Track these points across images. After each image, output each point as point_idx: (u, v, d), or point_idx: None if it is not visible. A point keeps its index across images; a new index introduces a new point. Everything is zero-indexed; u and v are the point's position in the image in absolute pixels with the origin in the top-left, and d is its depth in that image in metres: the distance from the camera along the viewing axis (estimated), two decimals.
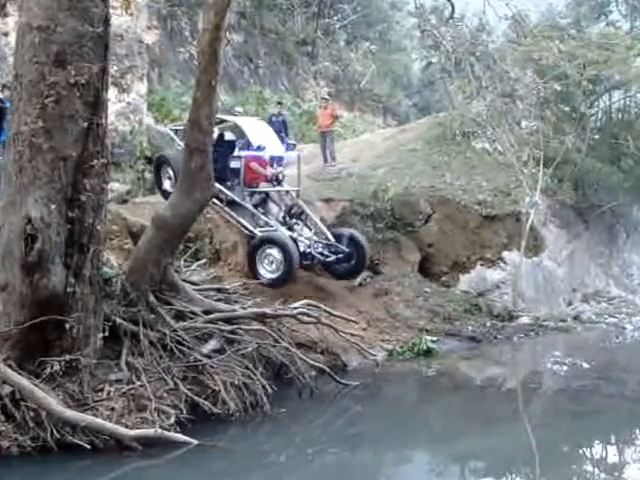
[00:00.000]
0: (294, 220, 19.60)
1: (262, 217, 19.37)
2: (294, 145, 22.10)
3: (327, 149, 25.19)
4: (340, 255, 19.22)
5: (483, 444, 13.37)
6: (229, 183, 19.51)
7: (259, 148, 20.09)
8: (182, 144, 17.60)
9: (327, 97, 28.22)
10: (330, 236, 19.54)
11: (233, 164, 19.67)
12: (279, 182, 20.35)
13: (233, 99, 31.63)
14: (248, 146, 20.41)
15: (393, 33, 45.47)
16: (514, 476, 12.14)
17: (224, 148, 19.38)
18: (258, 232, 18.74)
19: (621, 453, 13.47)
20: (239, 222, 19.04)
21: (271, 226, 19.15)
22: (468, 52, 21.39)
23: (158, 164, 20.41)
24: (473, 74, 21.75)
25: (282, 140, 25.18)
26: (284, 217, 19.69)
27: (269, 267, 18.28)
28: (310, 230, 19.59)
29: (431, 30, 20.63)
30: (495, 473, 12.17)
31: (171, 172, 19.44)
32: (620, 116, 30.74)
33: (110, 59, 12.84)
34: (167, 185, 19.73)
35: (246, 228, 18.91)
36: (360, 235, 19.95)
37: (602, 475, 11.68)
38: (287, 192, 20.61)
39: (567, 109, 26.22)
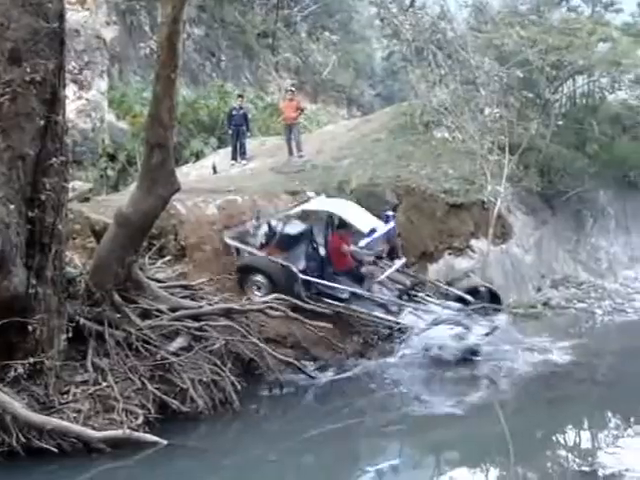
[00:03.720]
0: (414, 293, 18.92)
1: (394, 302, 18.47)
2: (393, 215, 20.28)
3: (293, 141, 24.99)
4: None
5: (452, 434, 13.34)
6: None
7: (372, 231, 18.65)
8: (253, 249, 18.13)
9: (293, 89, 27.99)
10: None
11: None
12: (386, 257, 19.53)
13: (195, 93, 31.37)
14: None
15: (355, 23, 45.33)
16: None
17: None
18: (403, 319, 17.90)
19: (594, 438, 13.46)
20: (376, 317, 18.08)
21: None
22: (428, 40, 21.29)
23: (243, 272, 18.35)
24: (435, 62, 21.65)
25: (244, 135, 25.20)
26: (405, 293, 18.90)
27: None
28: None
29: (390, 19, 20.50)
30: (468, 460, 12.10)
31: (263, 279, 17.90)
32: (584, 101, 30.82)
33: (67, 55, 12.66)
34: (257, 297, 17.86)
35: (387, 320, 17.99)
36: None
37: (576, 460, 11.60)
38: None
39: (531, 95, 26.26)
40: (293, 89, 27.93)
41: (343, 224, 18.62)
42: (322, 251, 18.67)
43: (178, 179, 14.06)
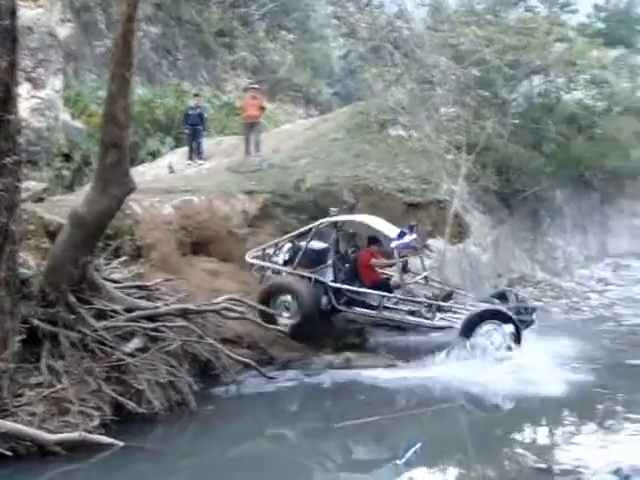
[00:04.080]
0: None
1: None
2: (416, 226, 19.53)
3: (252, 140, 24.83)
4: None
5: (413, 432, 13.34)
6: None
7: (401, 235, 18.18)
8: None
9: (256, 86, 27.74)
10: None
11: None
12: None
13: (151, 92, 31.13)
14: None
15: (312, 22, 45.30)
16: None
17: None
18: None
19: (550, 436, 13.54)
20: (411, 322, 17.82)
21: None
22: (385, 39, 21.30)
23: (271, 294, 17.86)
24: (391, 61, 21.68)
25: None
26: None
27: None
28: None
29: (347, 17, 20.49)
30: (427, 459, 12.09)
31: (291, 300, 17.61)
32: (541, 101, 31.08)
33: (20, 53, 12.48)
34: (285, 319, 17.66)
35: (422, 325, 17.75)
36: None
37: (532, 457, 11.63)
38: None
39: (488, 94, 26.40)
40: (256, 86, 27.69)
41: (374, 240, 18.55)
42: (347, 265, 18.49)
43: (133, 179, 13.90)
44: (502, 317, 17.02)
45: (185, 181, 22.42)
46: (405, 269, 18.50)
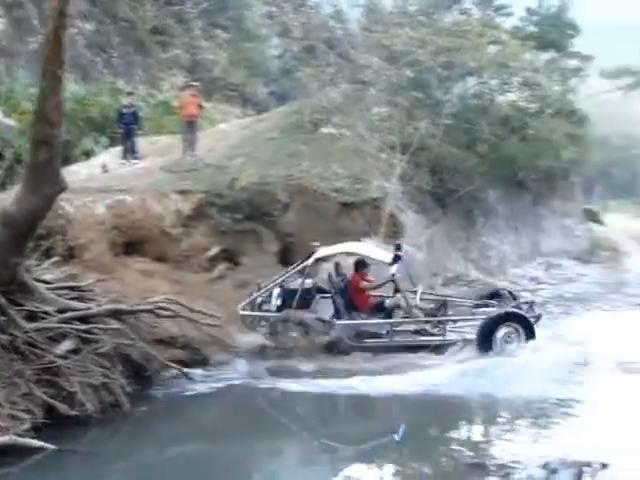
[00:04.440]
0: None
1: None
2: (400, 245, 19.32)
3: (190, 139, 24.70)
4: None
5: (348, 431, 13.36)
6: None
7: (397, 259, 18.15)
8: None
9: (195, 84, 27.55)
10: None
11: None
12: None
13: (86, 90, 30.78)
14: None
15: (249, 21, 45.12)
16: None
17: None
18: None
19: (485, 432, 13.64)
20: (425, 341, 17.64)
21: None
22: (318, 39, 21.33)
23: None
24: (326, 61, 21.72)
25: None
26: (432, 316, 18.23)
27: None
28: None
29: (280, 17, 20.47)
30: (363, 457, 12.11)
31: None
32: (475, 102, 31.40)
33: None
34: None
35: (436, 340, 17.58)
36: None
37: (467, 453, 11.72)
38: None
39: (421, 95, 26.58)
40: (195, 84, 27.49)
41: (361, 264, 18.46)
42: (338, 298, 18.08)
43: (64, 178, 13.73)
44: (516, 318, 17.15)
45: (119, 180, 22.20)
46: (397, 289, 18.31)
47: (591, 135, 38.35)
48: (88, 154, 27.54)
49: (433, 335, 17.68)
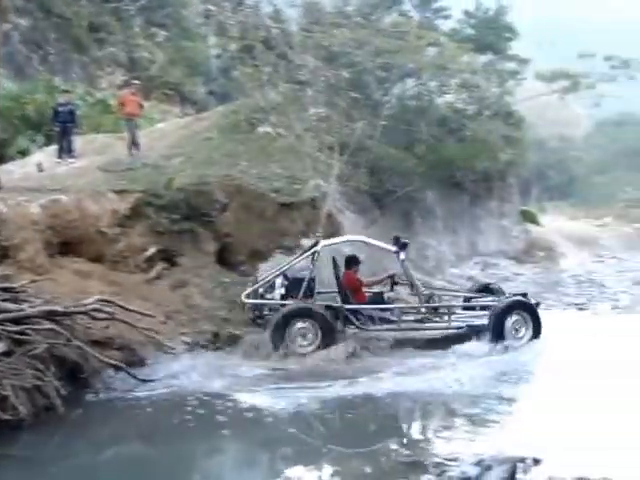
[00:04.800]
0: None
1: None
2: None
3: (130, 137, 24.52)
4: None
5: (284, 432, 13.33)
6: None
7: (403, 246, 18.82)
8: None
9: (136, 82, 27.29)
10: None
11: None
12: None
13: (21, 87, 30.39)
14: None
15: (187, 19, 44.89)
16: None
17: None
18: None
19: (424, 429, 13.70)
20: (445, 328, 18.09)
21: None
22: (255, 38, 21.29)
23: (284, 323, 17.31)
24: (264, 61, 21.69)
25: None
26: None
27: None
28: None
29: (217, 16, 20.39)
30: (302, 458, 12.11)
31: (309, 324, 17.23)
32: (414, 103, 31.61)
33: None
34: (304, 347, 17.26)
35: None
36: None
37: (404, 451, 11.75)
38: None
39: (360, 96, 26.66)
40: (136, 82, 27.24)
41: (353, 260, 18.74)
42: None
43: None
44: (525, 307, 17.76)
45: (54, 180, 21.93)
46: (395, 282, 18.94)
47: (528, 137, 38.93)
48: (24, 153, 27.19)
49: (438, 323, 18.08)
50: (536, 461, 10.39)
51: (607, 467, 10.05)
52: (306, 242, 22.40)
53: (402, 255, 18.35)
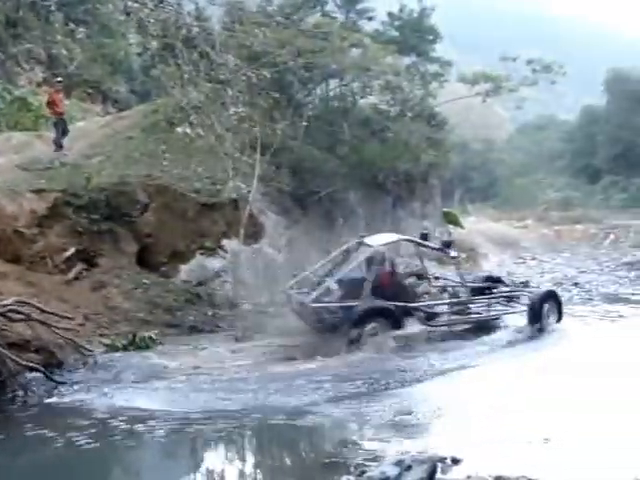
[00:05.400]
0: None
1: None
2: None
3: (57, 135, 24.20)
4: None
5: (199, 433, 13.24)
6: None
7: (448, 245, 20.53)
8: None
9: (60, 79, 26.85)
10: None
11: None
12: None
13: None
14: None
15: (107, 16, 44.21)
16: None
17: None
18: None
19: (344, 430, 13.69)
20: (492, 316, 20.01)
21: None
22: (175, 37, 21.08)
23: (360, 322, 17.71)
24: (185, 60, 21.48)
25: None
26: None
27: None
28: None
29: (136, 13, 20.13)
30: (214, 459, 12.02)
31: (382, 321, 17.88)
32: (337, 104, 31.66)
33: None
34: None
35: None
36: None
37: (323, 452, 11.75)
38: None
39: (283, 96, 26.58)
40: (60, 80, 26.83)
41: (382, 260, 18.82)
42: None
43: None
44: (555, 297, 20.24)
45: None
46: (458, 269, 20.36)
47: (451, 139, 39.28)
48: None
49: (479, 313, 19.81)
50: (455, 461, 10.50)
51: (526, 466, 10.18)
52: (227, 242, 22.43)
53: (452, 252, 19.97)
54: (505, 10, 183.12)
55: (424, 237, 20.14)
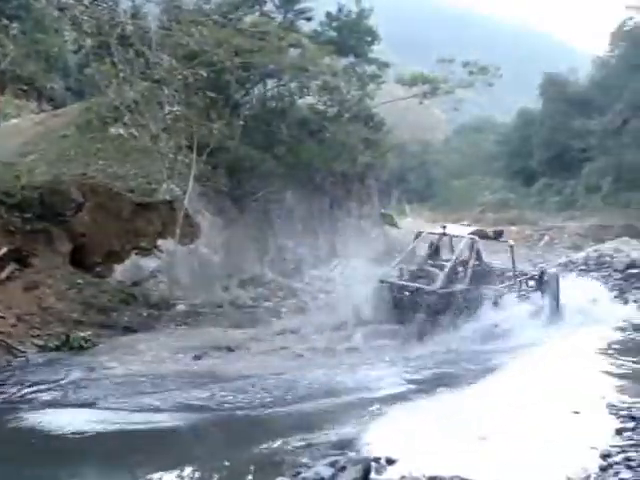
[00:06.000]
0: None
1: None
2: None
3: None
4: None
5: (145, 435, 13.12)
6: None
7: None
8: None
9: None
10: None
11: None
12: None
13: None
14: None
15: (45, 12, 43.62)
16: None
17: None
18: None
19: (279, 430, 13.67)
20: None
21: None
22: (110, 35, 20.89)
23: None
24: (119, 58, 21.31)
25: None
26: None
27: None
28: None
29: (70, 9, 19.89)
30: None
31: None
32: (274, 104, 31.63)
33: None
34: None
35: None
36: None
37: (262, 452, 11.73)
38: None
39: (220, 96, 26.48)
40: None
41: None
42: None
43: None
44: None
45: None
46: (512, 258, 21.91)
47: (388, 140, 39.36)
48: None
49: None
50: (390, 461, 10.55)
51: (460, 465, 10.27)
52: (162, 243, 22.30)
53: (510, 241, 22.49)
54: (442, 10, 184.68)
55: (500, 234, 23.84)
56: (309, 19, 35.73)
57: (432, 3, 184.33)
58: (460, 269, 20.83)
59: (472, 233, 22.11)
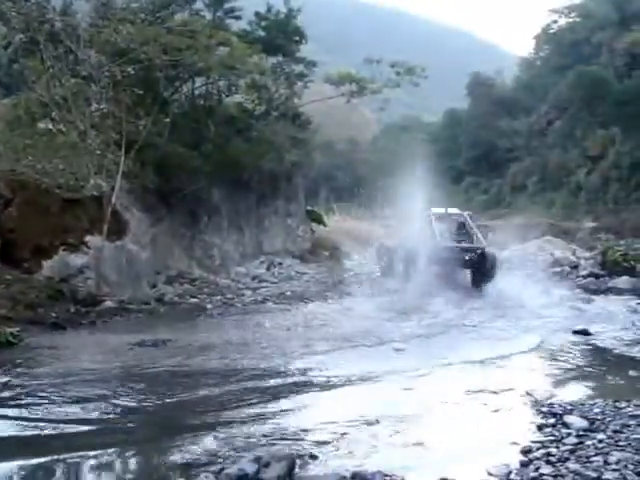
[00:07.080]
0: None
1: None
2: None
3: None
4: None
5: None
6: None
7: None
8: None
9: None
10: None
11: None
12: None
13: None
14: None
15: None
16: None
17: None
18: None
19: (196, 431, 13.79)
20: None
21: None
22: (38, 31, 20.89)
23: None
24: (50, 54, 21.33)
25: None
26: None
27: None
28: None
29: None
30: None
31: None
32: (202, 102, 31.80)
33: None
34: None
35: None
36: None
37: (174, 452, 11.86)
38: None
39: (148, 93, 26.57)
40: None
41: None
42: None
43: None
44: None
45: None
46: None
47: (316, 139, 39.79)
48: None
49: None
50: (313, 457, 10.66)
51: (385, 463, 10.46)
52: (90, 239, 22.33)
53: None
54: (375, 11, 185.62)
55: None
56: (238, 18, 35.90)
57: (366, 3, 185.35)
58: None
59: None
